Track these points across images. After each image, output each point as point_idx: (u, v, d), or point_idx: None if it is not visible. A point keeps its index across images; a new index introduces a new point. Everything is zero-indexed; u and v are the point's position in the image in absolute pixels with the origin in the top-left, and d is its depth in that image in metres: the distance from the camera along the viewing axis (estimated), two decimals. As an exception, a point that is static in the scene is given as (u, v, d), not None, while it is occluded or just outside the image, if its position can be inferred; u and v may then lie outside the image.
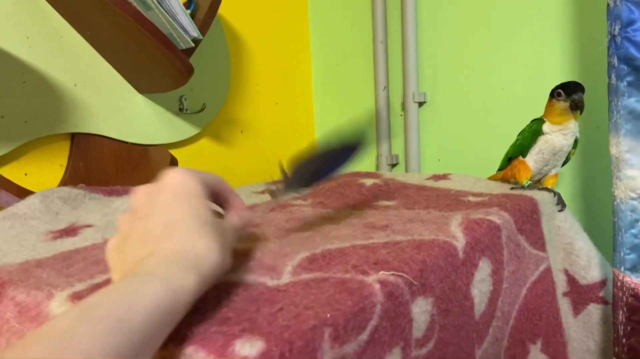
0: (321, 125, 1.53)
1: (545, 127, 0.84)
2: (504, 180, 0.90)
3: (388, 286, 0.41)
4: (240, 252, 0.46)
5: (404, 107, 1.30)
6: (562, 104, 0.81)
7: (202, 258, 0.31)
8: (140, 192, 0.37)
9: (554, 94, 0.82)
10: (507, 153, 0.91)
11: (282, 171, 0.51)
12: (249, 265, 0.43)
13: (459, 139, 1.25)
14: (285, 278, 0.40)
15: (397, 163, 1.36)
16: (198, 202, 0.34)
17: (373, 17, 1.32)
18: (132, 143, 1.01)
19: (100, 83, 0.97)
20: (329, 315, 0.34)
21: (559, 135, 0.82)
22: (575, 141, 0.84)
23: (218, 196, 0.41)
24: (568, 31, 1.05)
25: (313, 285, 0.39)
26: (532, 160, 0.85)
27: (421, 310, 0.45)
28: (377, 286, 0.40)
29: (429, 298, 0.46)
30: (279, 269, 0.42)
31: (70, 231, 0.60)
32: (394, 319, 0.41)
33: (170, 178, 0.35)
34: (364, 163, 1.43)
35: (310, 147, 0.52)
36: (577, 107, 0.80)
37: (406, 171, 1.32)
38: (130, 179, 0.98)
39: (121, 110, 1.00)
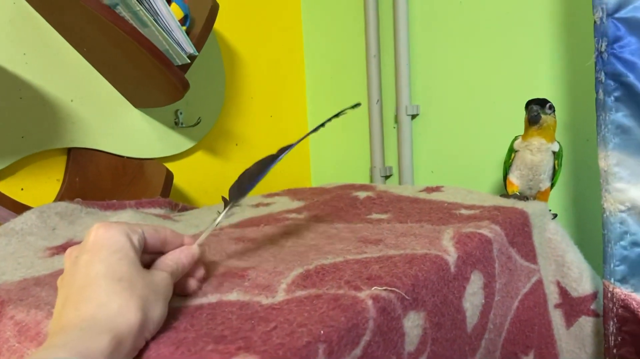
0: (315, 137, 1.54)
1: (516, 143, 0.88)
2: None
3: (380, 301, 0.41)
4: (235, 272, 0.47)
5: (397, 119, 1.32)
6: (525, 117, 0.83)
7: (115, 318, 0.31)
8: (67, 254, 0.37)
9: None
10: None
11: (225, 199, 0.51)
12: (244, 286, 0.43)
13: (451, 151, 1.26)
14: (280, 296, 0.41)
15: (391, 175, 1.38)
16: (115, 259, 0.34)
17: (366, 31, 1.34)
18: (128, 158, 1.02)
19: (97, 99, 0.97)
20: (322, 332, 0.35)
21: (525, 151, 0.85)
22: (557, 156, 0.85)
23: (165, 244, 0.41)
24: (557, 47, 1.07)
25: (307, 302, 0.39)
26: (513, 176, 0.88)
27: (413, 324, 0.46)
28: (369, 302, 0.41)
29: (421, 312, 0.47)
30: (273, 287, 0.43)
31: (67, 247, 0.60)
32: (386, 334, 0.41)
33: (93, 236, 0.35)
34: (358, 175, 1.45)
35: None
36: (530, 119, 0.82)
37: (399, 183, 1.33)
38: (126, 193, 0.98)
39: (117, 125, 1.01)
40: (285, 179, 1.44)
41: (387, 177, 1.38)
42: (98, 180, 0.98)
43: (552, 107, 0.83)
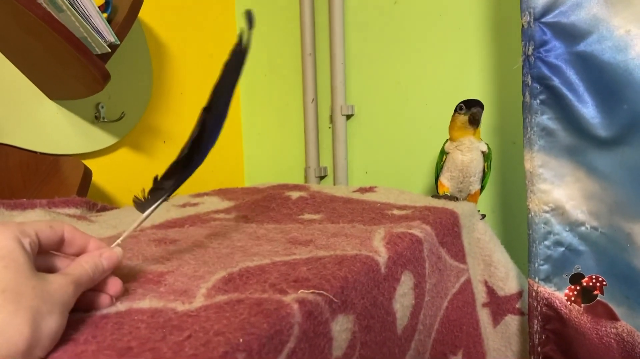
0: (248, 136, 1.50)
1: (447, 145, 0.89)
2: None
3: (307, 305, 0.39)
4: (151, 278, 0.43)
5: (332, 119, 1.31)
6: (462, 117, 0.85)
7: None
8: None
9: (457, 108, 0.86)
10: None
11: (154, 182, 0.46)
12: (159, 292, 0.40)
13: (385, 152, 1.27)
14: (198, 302, 0.38)
15: (326, 176, 1.36)
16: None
17: (301, 29, 1.32)
18: (41, 153, 0.94)
19: (6, 89, 0.89)
20: (241, 340, 0.32)
21: (456, 152, 0.86)
22: (487, 158, 0.87)
23: (62, 242, 0.37)
24: (485, 51, 1.10)
25: (227, 308, 0.36)
26: (444, 178, 0.89)
27: (342, 328, 0.44)
28: (295, 306, 0.38)
29: (350, 315, 0.45)
30: (191, 293, 0.39)
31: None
32: (312, 339, 0.39)
33: None
34: (292, 175, 1.42)
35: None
36: (474, 120, 0.84)
37: (334, 183, 1.32)
38: (38, 192, 0.91)
39: (29, 118, 0.92)
40: (217, 179, 1.39)
41: (322, 178, 1.36)
42: (7, 176, 0.89)
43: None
